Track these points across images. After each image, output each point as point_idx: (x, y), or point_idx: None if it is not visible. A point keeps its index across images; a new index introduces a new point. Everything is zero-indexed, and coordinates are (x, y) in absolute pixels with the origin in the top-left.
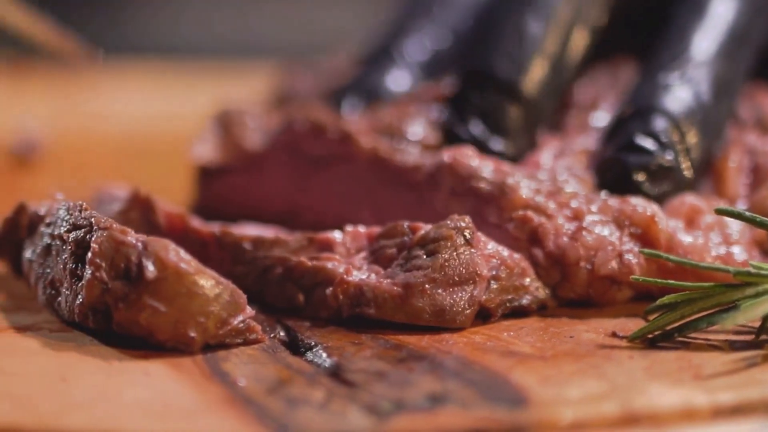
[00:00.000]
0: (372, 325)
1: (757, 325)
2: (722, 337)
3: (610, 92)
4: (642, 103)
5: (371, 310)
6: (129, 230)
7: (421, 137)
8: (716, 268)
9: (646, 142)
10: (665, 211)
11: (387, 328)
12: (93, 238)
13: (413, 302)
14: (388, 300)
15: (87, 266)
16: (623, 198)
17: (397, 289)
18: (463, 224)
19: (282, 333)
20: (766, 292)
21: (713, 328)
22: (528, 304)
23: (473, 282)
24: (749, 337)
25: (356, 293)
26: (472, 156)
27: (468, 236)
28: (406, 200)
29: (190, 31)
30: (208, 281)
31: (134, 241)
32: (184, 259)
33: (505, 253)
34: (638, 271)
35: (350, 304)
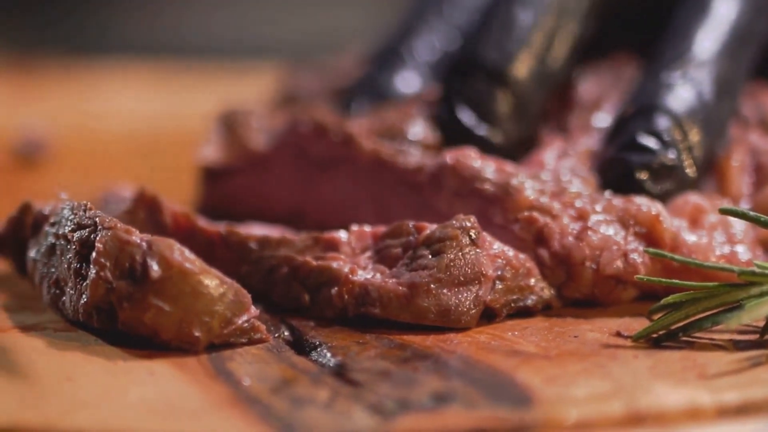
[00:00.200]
0: (376, 324)
1: (761, 324)
2: (727, 337)
3: (614, 92)
4: (644, 102)
5: (376, 309)
6: (133, 230)
7: (422, 138)
8: (721, 267)
9: (648, 141)
10: (669, 210)
11: (391, 328)
12: (97, 238)
13: (418, 302)
14: (393, 300)
15: (91, 266)
16: (627, 197)
17: (402, 288)
18: (468, 224)
19: (286, 332)
20: None
21: (718, 328)
22: (533, 305)
23: (478, 282)
24: (754, 337)
25: (361, 293)
26: (474, 157)
27: (473, 236)
28: (409, 202)
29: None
30: (213, 281)
31: (139, 241)
32: (188, 259)
33: (511, 253)
34: (643, 270)
35: (355, 303)
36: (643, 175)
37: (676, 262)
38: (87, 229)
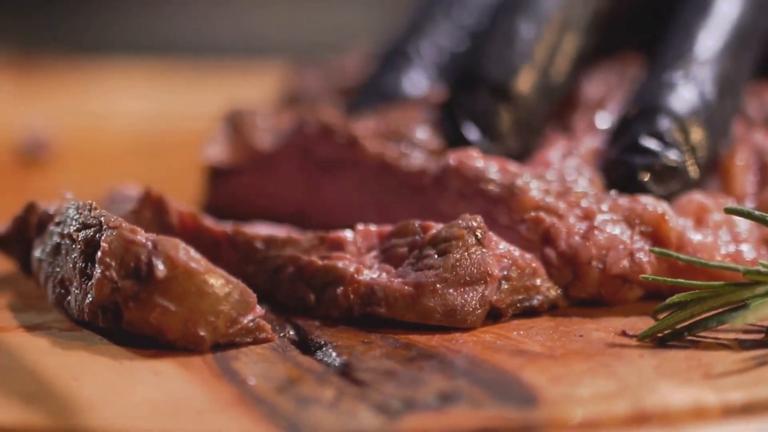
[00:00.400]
0: (381, 324)
1: (766, 324)
2: (732, 336)
3: (618, 91)
4: (646, 102)
5: (382, 309)
6: (139, 229)
7: (426, 141)
8: (726, 267)
9: (650, 143)
10: (673, 209)
11: (396, 327)
12: (103, 237)
13: (424, 302)
14: (399, 299)
15: (97, 265)
16: (633, 197)
17: (408, 288)
18: (474, 224)
19: (292, 332)
20: None
21: (723, 327)
22: (539, 304)
23: (484, 282)
24: (759, 336)
25: (367, 292)
26: (477, 158)
27: (479, 236)
28: (413, 204)
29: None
30: (218, 280)
31: (144, 240)
32: (194, 258)
33: (517, 253)
34: (649, 269)
35: (361, 303)
36: (646, 177)
37: (681, 261)
38: (92, 229)
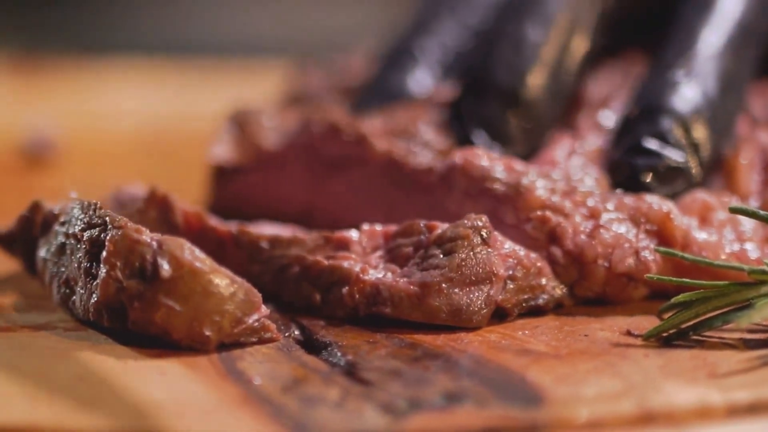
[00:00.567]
0: (386, 323)
1: None
2: (737, 336)
3: (622, 90)
4: (649, 102)
5: (388, 309)
6: (144, 229)
7: (433, 140)
8: (731, 266)
9: (653, 144)
10: (677, 208)
11: (401, 327)
12: (108, 237)
13: (430, 301)
14: (404, 299)
15: (102, 265)
16: (638, 195)
17: (413, 288)
18: (480, 224)
19: (296, 332)
20: None
21: (728, 327)
22: (544, 304)
23: (490, 282)
24: (764, 336)
25: (373, 292)
26: (483, 156)
27: (485, 235)
28: (420, 203)
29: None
30: (223, 280)
31: (149, 240)
32: (199, 258)
33: (522, 252)
34: (654, 267)
35: (367, 303)
36: (649, 178)
37: (686, 260)
38: (97, 228)
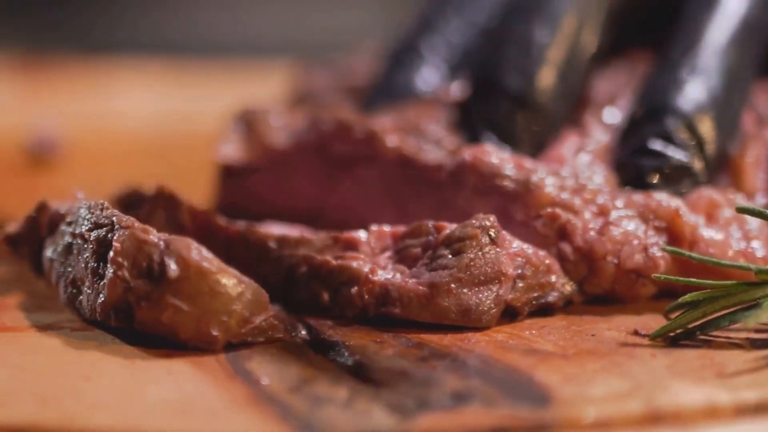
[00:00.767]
0: (393, 323)
1: None
2: (744, 336)
3: (628, 88)
4: (653, 101)
5: (397, 309)
6: (151, 229)
7: (443, 139)
8: (738, 266)
9: (658, 145)
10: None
11: (408, 327)
12: (115, 237)
13: (439, 302)
14: (413, 300)
15: (109, 265)
16: (647, 193)
17: (422, 288)
18: (488, 223)
19: (304, 331)
20: None
21: (735, 327)
22: (554, 301)
23: (499, 281)
24: None
25: (382, 293)
26: (493, 153)
27: (493, 235)
28: (430, 199)
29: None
30: (231, 280)
31: (156, 240)
32: (206, 258)
33: (530, 251)
34: (663, 264)
35: (376, 303)
36: (655, 180)
37: (693, 260)
38: (104, 228)
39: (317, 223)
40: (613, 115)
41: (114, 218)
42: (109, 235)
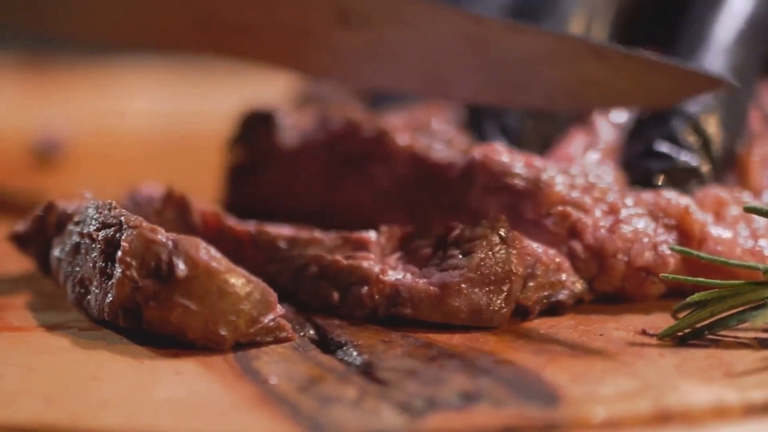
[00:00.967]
0: (401, 322)
1: None
2: (752, 335)
3: None
4: None
5: (407, 310)
6: (159, 229)
7: (452, 137)
8: (746, 265)
9: (664, 147)
10: None
11: (417, 326)
12: (123, 237)
13: (450, 302)
14: (424, 300)
15: (117, 265)
16: (657, 191)
17: (433, 288)
18: (498, 223)
19: (312, 331)
20: None
21: (743, 326)
22: (565, 299)
23: (509, 281)
24: None
25: (392, 293)
26: (502, 151)
27: (503, 235)
28: (440, 198)
29: None
30: (239, 280)
31: (164, 240)
32: (214, 258)
33: (540, 249)
34: (672, 262)
35: (386, 304)
36: (662, 182)
37: (702, 259)
38: (112, 228)
39: (326, 222)
40: (621, 114)
41: (122, 218)
42: (117, 235)
